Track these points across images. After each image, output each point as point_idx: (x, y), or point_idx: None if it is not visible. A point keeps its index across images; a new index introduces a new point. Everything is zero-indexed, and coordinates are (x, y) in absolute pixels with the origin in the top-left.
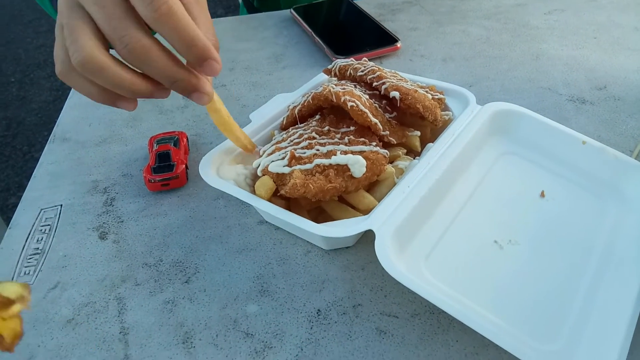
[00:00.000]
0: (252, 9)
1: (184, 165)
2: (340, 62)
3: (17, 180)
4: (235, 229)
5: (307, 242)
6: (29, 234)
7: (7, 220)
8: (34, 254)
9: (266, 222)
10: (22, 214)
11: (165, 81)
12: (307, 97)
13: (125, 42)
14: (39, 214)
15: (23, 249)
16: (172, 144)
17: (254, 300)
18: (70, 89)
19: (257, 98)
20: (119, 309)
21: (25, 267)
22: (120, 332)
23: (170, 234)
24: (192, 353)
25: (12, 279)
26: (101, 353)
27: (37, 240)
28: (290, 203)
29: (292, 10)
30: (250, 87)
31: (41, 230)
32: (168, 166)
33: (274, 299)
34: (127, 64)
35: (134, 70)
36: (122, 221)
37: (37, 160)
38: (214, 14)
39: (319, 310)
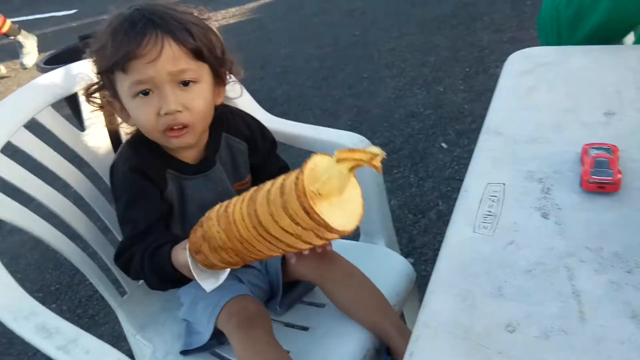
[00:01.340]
0: None
1: (620, 175)
2: None
3: None
4: None
5: None
6: (480, 199)
7: None
8: (488, 215)
9: None
10: (472, 182)
11: None
12: None
13: None
14: (486, 186)
15: (478, 209)
16: (609, 153)
17: None
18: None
19: None
20: (569, 275)
21: (483, 222)
22: (573, 293)
23: (607, 229)
24: None
25: (473, 230)
26: (559, 301)
27: (489, 206)
28: None
29: None
30: None
31: (490, 199)
32: (605, 172)
33: None
34: None
35: None
36: (560, 209)
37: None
38: None
39: None
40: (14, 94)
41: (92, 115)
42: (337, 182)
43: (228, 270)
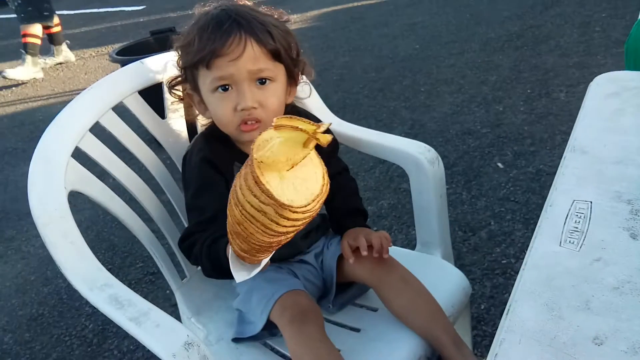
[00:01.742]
0: None
1: None
2: None
3: None
4: None
5: None
6: (567, 215)
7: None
8: (574, 231)
9: None
10: (557, 198)
11: None
12: None
13: None
14: (572, 203)
15: (564, 224)
16: None
17: None
18: None
19: None
20: None
21: (569, 237)
22: None
23: None
24: None
25: (560, 244)
26: None
27: (575, 222)
28: None
29: None
30: None
31: (576, 215)
32: None
33: None
34: None
35: None
36: None
37: None
38: None
39: None
40: (106, 78)
41: (173, 105)
42: (281, 153)
43: (261, 265)
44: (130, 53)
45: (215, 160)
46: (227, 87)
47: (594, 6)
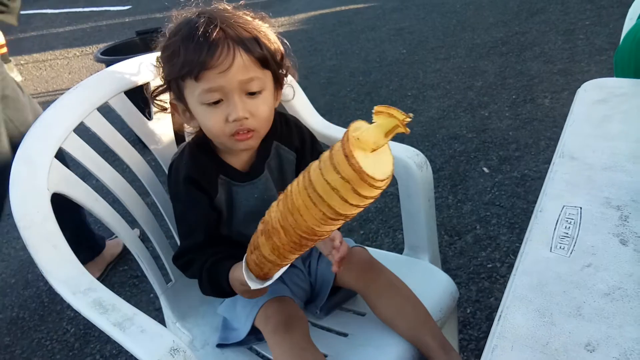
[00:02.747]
0: None
1: None
2: None
3: None
4: None
5: None
6: (557, 221)
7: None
8: (565, 237)
9: None
10: (548, 202)
11: None
12: None
13: None
14: (562, 208)
15: (554, 230)
16: None
17: None
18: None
19: None
20: None
21: (559, 243)
22: None
23: None
24: None
25: (550, 249)
26: (639, 326)
27: (565, 228)
28: None
29: None
30: None
31: (566, 221)
32: None
33: None
34: None
35: None
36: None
37: None
38: None
39: None
40: (92, 77)
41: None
42: (372, 135)
43: (274, 278)
44: (116, 53)
45: (200, 178)
46: (217, 100)
47: (578, 14)
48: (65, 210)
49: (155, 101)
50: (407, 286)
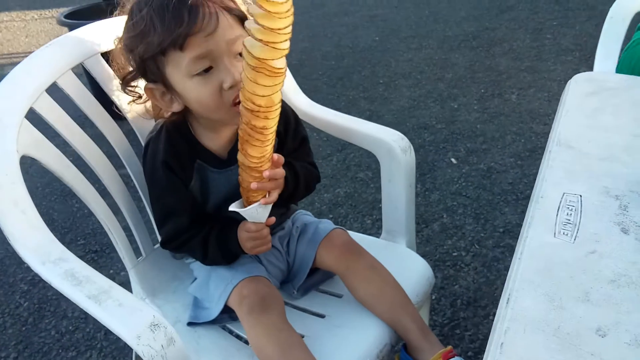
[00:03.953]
0: None
1: None
2: None
3: None
4: None
5: None
6: (558, 207)
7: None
8: (567, 223)
9: None
10: (547, 189)
11: None
12: None
13: None
14: (563, 195)
15: (557, 216)
16: None
17: None
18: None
19: None
20: None
21: (563, 229)
22: None
23: None
24: None
25: (554, 235)
26: None
27: (567, 214)
28: None
29: None
30: None
31: (568, 207)
32: None
33: None
34: None
35: None
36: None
37: None
38: None
39: None
40: (69, 35)
41: None
42: None
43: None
44: (80, 17)
45: (176, 163)
46: (207, 68)
47: (547, 14)
48: None
49: (128, 89)
50: (387, 270)
